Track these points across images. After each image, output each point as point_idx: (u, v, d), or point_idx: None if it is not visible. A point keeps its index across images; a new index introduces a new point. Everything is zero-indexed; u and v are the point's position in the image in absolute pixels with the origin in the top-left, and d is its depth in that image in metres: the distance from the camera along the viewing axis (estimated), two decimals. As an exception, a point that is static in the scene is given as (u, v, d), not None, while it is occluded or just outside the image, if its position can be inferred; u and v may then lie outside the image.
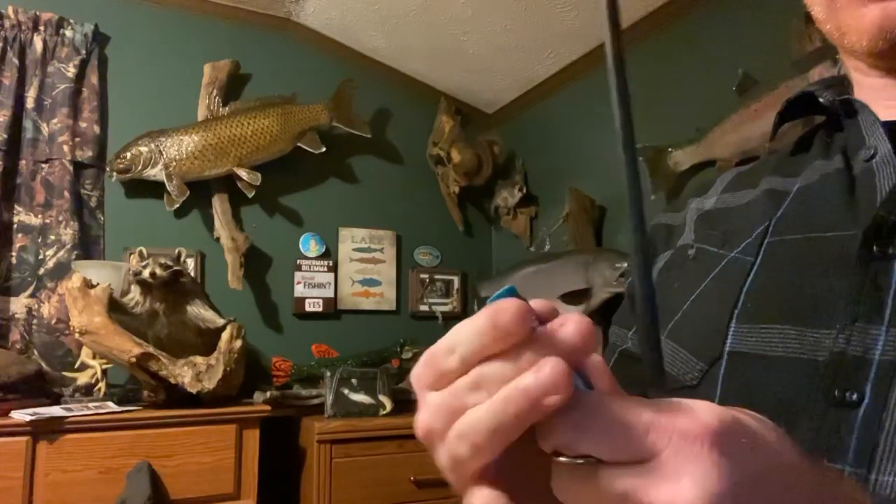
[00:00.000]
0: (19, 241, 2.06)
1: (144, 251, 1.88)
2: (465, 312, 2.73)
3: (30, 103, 2.10)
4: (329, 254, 2.55)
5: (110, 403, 1.82)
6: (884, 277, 0.37)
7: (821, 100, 0.49)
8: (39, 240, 2.08)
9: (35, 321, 2.03)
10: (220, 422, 1.80)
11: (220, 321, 1.95)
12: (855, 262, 0.38)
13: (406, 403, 2.05)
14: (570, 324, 0.27)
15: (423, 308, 2.67)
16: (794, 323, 0.39)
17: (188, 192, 2.22)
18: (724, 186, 0.55)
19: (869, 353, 0.36)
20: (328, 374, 2.05)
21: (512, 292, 0.28)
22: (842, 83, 0.51)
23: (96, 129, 2.19)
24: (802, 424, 0.37)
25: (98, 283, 1.82)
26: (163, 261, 1.83)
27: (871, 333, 0.36)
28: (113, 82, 2.27)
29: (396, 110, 2.73)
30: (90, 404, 1.79)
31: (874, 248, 0.38)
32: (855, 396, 0.35)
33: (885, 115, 0.44)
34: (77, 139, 2.15)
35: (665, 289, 0.51)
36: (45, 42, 2.14)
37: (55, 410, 1.67)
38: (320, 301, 2.47)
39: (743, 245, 0.45)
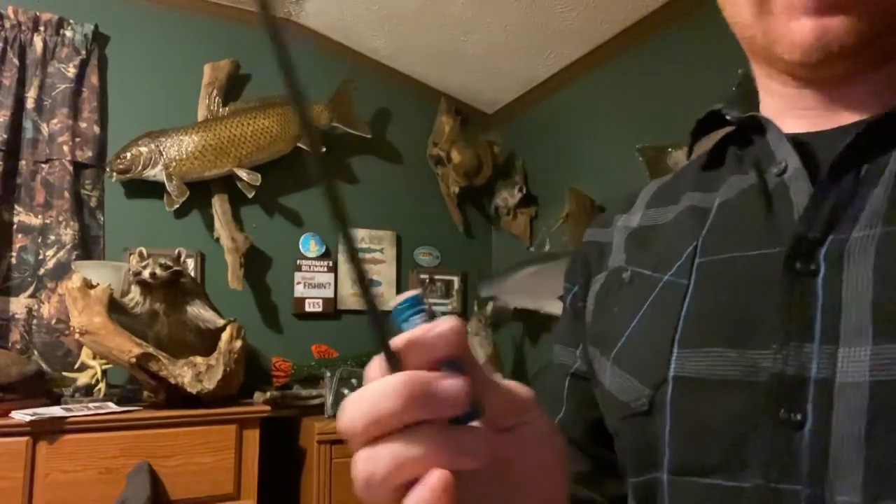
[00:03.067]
0: (19, 241, 2.06)
1: (144, 251, 1.88)
2: (465, 312, 2.73)
3: (30, 103, 2.10)
4: (329, 254, 2.55)
5: (110, 404, 1.82)
6: (810, 294, 0.37)
7: (728, 118, 0.50)
8: (39, 240, 2.08)
9: (35, 321, 2.03)
10: (220, 422, 1.80)
11: (220, 321, 1.95)
12: (780, 280, 0.38)
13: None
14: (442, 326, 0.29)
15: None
16: (732, 345, 0.39)
17: (188, 193, 2.22)
18: (648, 201, 0.55)
19: (805, 371, 0.36)
20: (328, 374, 2.05)
21: (416, 301, 0.30)
22: (748, 96, 0.52)
23: (96, 129, 2.19)
24: (755, 447, 0.37)
25: (98, 284, 1.82)
26: (163, 261, 1.83)
27: (805, 352, 0.36)
28: (113, 82, 2.28)
29: (396, 110, 2.73)
30: (90, 404, 1.79)
31: (797, 265, 0.38)
32: (799, 416, 0.35)
33: (795, 125, 0.45)
34: (77, 139, 2.15)
35: (605, 313, 0.51)
36: (45, 42, 2.14)
37: (55, 410, 1.67)
38: (320, 301, 2.47)
39: (675, 267, 0.46)
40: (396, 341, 0.29)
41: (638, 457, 0.45)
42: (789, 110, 0.46)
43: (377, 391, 0.28)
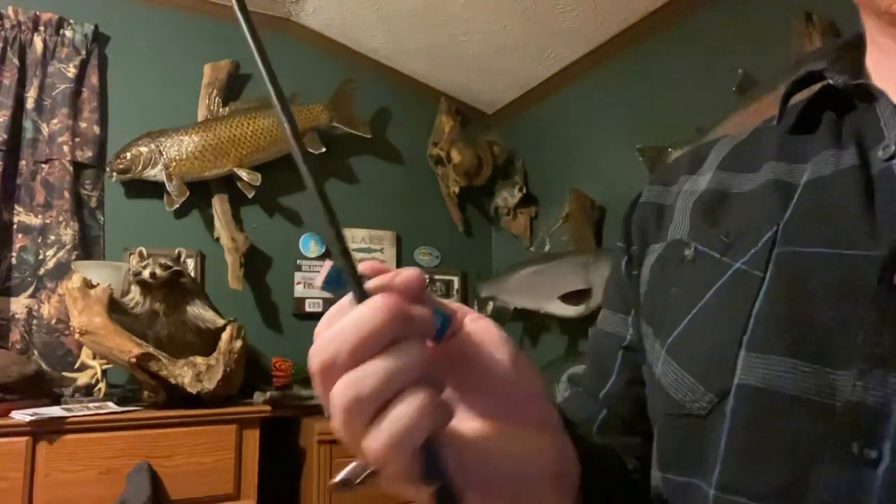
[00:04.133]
0: (19, 241, 2.06)
1: (144, 251, 1.88)
2: (465, 312, 2.73)
3: (30, 103, 2.10)
4: (329, 254, 2.55)
5: (110, 404, 1.82)
6: None
7: (831, 82, 0.43)
8: (39, 240, 2.08)
9: (35, 321, 2.03)
10: (220, 422, 1.80)
11: (220, 321, 1.95)
12: (874, 292, 0.33)
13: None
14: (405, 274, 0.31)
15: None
16: (807, 358, 0.35)
17: (188, 193, 2.22)
18: (721, 161, 0.49)
19: (888, 405, 0.32)
20: (328, 374, 2.04)
21: (338, 273, 0.31)
22: (855, 49, 0.44)
23: (96, 129, 2.19)
24: (819, 479, 0.33)
25: (98, 284, 1.82)
26: (163, 261, 1.83)
27: (891, 382, 0.32)
28: (113, 82, 2.27)
29: (396, 110, 2.73)
30: (90, 404, 1.79)
31: (895, 278, 0.33)
32: (875, 454, 0.31)
33: None
34: (77, 139, 2.15)
35: (661, 291, 0.46)
36: (45, 42, 2.14)
37: (55, 410, 1.67)
38: (320, 301, 2.47)
39: (749, 255, 0.40)
40: (369, 283, 0.30)
41: (681, 457, 0.41)
42: None
43: (360, 315, 0.29)
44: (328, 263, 0.32)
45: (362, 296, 0.30)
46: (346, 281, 0.31)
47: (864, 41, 0.44)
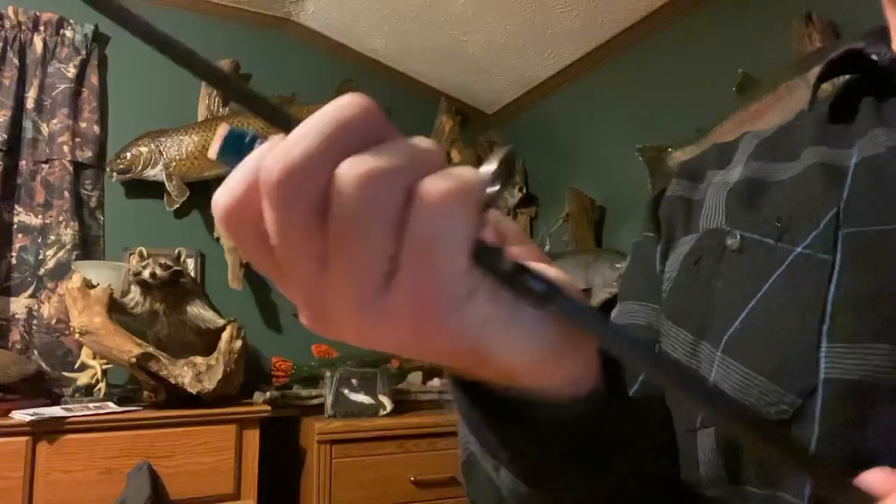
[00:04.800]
0: (19, 241, 2.06)
1: (144, 251, 1.88)
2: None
3: (30, 103, 2.10)
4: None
5: (110, 404, 1.82)
6: None
7: (874, 57, 0.40)
8: (39, 240, 2.08)
9: (35, 321, 2.03)
10: (220, 422, 1.80)
11: (220, 321, 1.95)
12: None
13: (406, 404, 2.05)
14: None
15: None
16: None
17: (188, 192, 2.22)
18: (752, 153, 0.45)
19: None
20: (328, 374, 2.04)
21: (239, 135, 0.23)
22: (882, 38, 0.42)
23: (96, 129, 2.19)
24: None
25: (98, 284, 1.82)
26: (163, 261, 1.83)
27: None
28: (113, 82, 2.27)
29: (396, 110, 2.73)
30: (90, 404, 1.79)
31: None
32: None
33: None
34: (77, 139, 2.15)
35: (696, 285, 0.41)
36: (45, 42, 2.14)
37: (55, 410, 1.67)
38: (320, 301, 2.47)
39: (810, 238, 0.36)
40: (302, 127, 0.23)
41: (760, 466, 0.36)
42: None
43: (326, 112, 0.23)
44: (224, 127, 0.23)
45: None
46: (251, 144, 0.22)
47: (888, 34, 0.42)
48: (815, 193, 0.38)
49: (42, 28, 2.13)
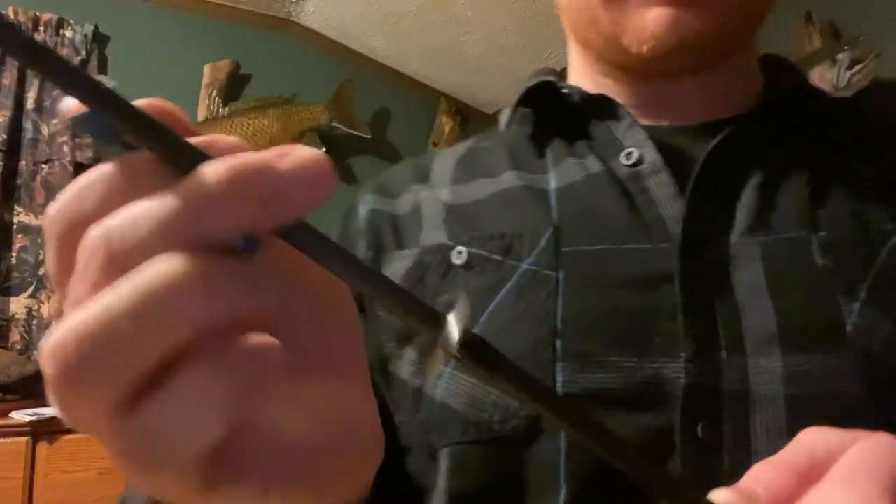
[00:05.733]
0: (19, 241, 2.07)
1: (144, 251, 1.88)
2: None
3: (30, 104, 2.10)
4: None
5: (110, 404, 1.82)
6: (706, 299, 0.34)
7: (565, 91, 0.43)
8: (39, 240, 2.08)
9: (35, 321, 2.03)
10: (220, 422, 1.80)
11: (220, 321, 1.95)
12: (679, 281, 0.34)
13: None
14: None
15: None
16: (627, 353, 0.33)
17: (188, 193, 2.22)
18: (452, 175, 0.45)
19: (718, 384, 0.32)
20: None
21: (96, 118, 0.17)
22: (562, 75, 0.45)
23: (96, 129, 2.19)
24: (674, 469, 0.32)
25: (98, 284, 1.82)
26: (163, 261, 1.83)
27: (713, 362, 0.32)
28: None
29: (396, 110, 2.74)
30: (90, 404, 1.79)
31: (689, 265, 0.35)
32: (715, 437, 0.31)
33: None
34: (77, 139, 2.15)
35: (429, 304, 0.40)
36: (45, 42, 2.14)
37: (55, 411, 1.67)
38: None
39: (535, 254, 0.37)
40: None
41: (496, 490, 0.34)
42: (632, 109, 0.43)
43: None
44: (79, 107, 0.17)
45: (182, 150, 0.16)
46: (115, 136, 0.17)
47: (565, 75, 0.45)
48: (528, 213, 0.39)
49: (42, 28, 2.14)
